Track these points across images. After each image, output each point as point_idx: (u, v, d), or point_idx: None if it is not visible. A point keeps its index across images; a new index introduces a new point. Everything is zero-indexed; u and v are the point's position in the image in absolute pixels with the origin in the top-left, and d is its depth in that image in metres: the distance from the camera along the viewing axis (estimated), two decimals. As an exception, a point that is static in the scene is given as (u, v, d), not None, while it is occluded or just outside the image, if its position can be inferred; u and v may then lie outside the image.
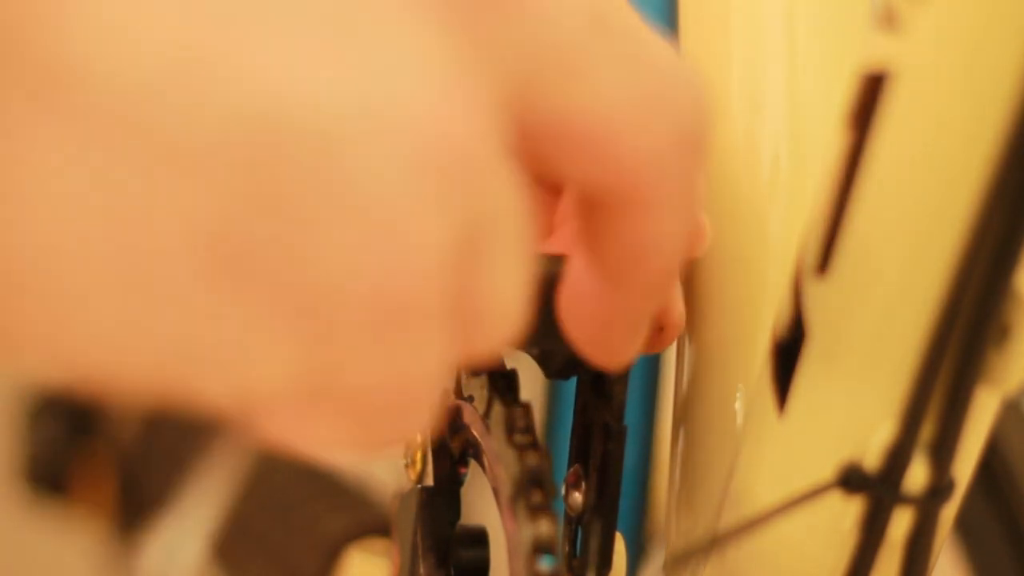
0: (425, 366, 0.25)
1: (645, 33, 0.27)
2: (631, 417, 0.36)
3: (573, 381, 0.36)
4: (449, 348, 0.25)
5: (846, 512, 0.32)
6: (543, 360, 0.35)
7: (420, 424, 0.26)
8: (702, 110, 0.28)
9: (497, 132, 0.24)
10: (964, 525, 0.54)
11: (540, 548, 0.32)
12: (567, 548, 0.36)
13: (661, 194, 0.28)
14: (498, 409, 0.35)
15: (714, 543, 0.36)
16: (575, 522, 0.36)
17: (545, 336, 0.33)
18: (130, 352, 0.23)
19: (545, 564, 0.31)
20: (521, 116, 0.25)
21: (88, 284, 0.22)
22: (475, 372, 0.36)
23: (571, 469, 0.36)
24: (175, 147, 0.22)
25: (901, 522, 0.32)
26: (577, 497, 0.35)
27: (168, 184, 0.22)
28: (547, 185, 0.42)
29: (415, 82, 0.23)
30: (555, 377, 0.35)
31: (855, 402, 0.31)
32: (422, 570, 0.38)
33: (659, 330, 0.36)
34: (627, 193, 0.28)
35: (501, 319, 0.26)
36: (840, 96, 0.31)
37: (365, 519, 0.60)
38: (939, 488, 0.31)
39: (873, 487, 0.31)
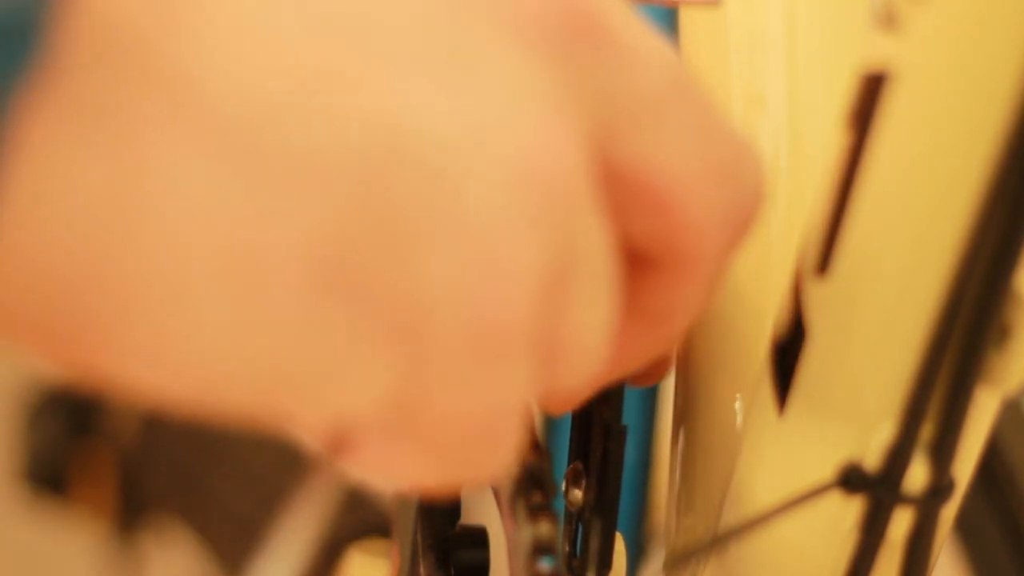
0: (510, 397, 0.25)
1: (716, 108, 0.28)
2: (631, 417, 0.36)
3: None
4: (533, 381, 0.25)
5: (846, 512, 0.32)
6: None
7: (501, 458, 0.26)
8: (759, 190, 0.29)
9: (588, 169, 0.25)
10: (964, 525, 0.54)
11: (540, 548, 0.32)
12: (567, 548, 0.36)
13: (704, 261, 0.28)
14: (498, 409, 0.35)
15: (714, 543, 0.36)
16: (575, 518, 0.36)
17: None
18: (233, 367, 0.23)
19: (545, 564, 0.32)
20: (600, 159, 0.26)
21: (203, 294, 0.22)
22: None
23: (571, 466, 0.36)
24: (296, 163, 0.22)
25: (901, 522, 0.32)
26: (577, 494, 0.35)
27: (286, 197, 0.22)
28: None
29: (520, 114, 0.24)
30: None
31: (855, 402, 0.31)
32: (422, 570, 0.38)
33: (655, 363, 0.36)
34: (675, 254, 0.28)
35: (583, 357, 0.26)
36: (840, 96, 0.31)
37: (365, 519, 0.60)
38: (939, 488, 0.31)
39: (873, 487, 0.31)
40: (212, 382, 0.23)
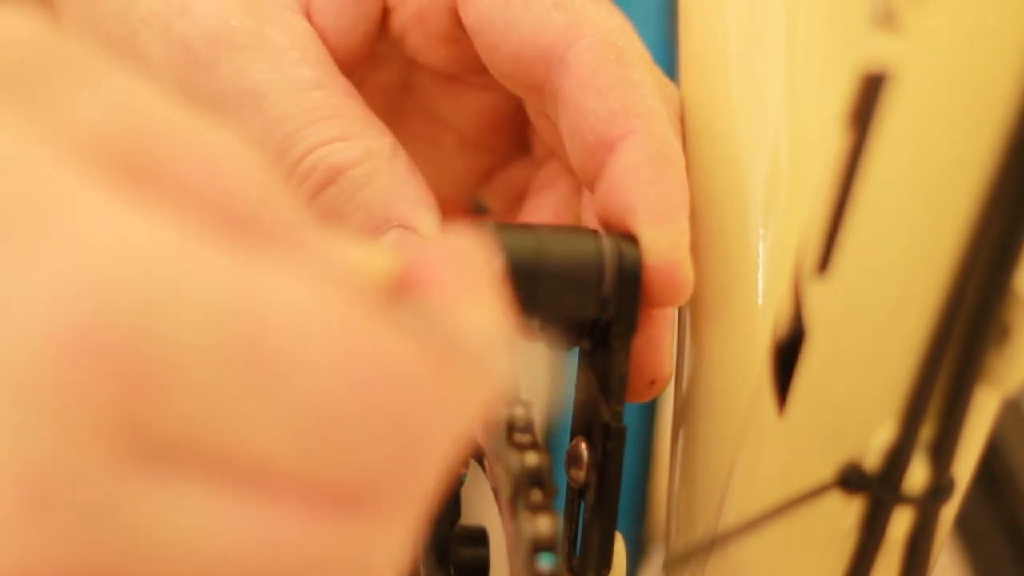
0: None
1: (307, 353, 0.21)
2: (631, 417, 0.36)
3: (572, 386, 0.36)
4: None
5: (846, 512, 0.32)
6: (544, 331, 0.35)
7: None
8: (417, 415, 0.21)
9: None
10: (964, 525, 0.54)
11: (540, 548, 0.32)
12: (567, 548, 0.36)
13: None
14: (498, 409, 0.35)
15: (714, 543, 0.36)
16: (576, 501, 0.36)
17: (547, 304, 0.34)
18: None
19: (545, 564, 0.32)
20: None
21: None
22: None
23: (572, 442, 0.36)
24: None
25: (901, 522, 0.32)
26: (579, 473, 0.35)
27: None
28: (530, 154, 0.43)
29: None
30: (557, 349, 0.36)
31: (855, 402, 0.31)
32: (422, 570, 0.38)
33: (649, 383, 0.36)
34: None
35: None
36: (840, 96, 0.31)
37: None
38: (939, 488, 0.31)
39: (873, 487, 0.31)
40: None
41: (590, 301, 0.34)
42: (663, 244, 0.35)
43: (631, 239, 0.35)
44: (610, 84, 0.36)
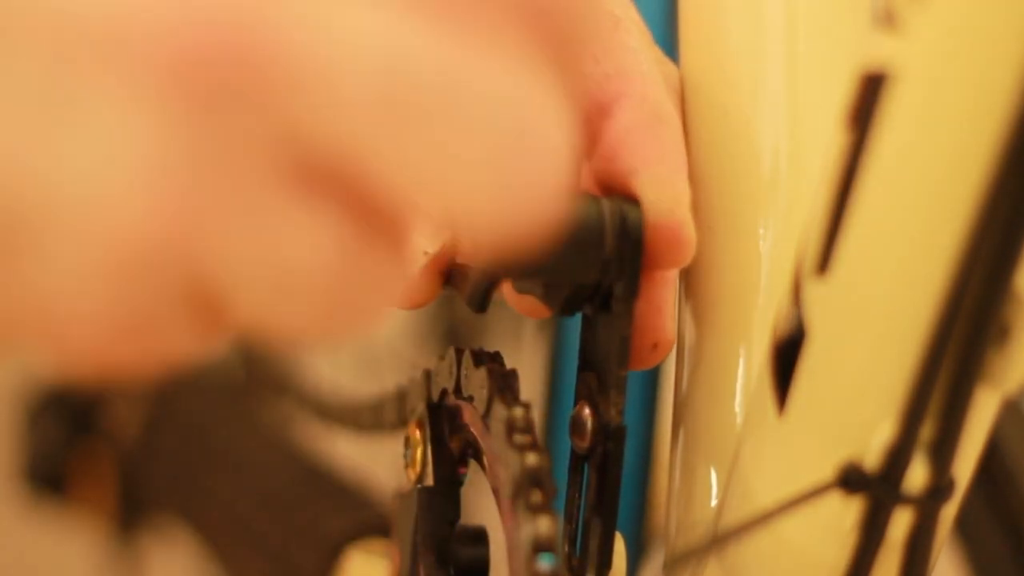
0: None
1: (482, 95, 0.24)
2: (631, 417, 0.36)
3: (572, 386, 0.36)
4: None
5: (846, 512, 0.32)
6: (547, 296, 0.35)
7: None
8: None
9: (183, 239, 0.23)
10: (964, 525, 0.54)
11: (540, 548, 0.32)
12: (567, 548, 0.36)
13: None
14: (498, 409, 0.35)
15: (714, 543, 0.36)
16: (578, 495, 0.36)
17: (548, 268, 0.33)
18: None
19: (545, 564, 0.31)
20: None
21: None
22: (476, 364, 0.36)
23: (576, 407, 0.36)
24: None
25: (901, 522, 0.32)
26: (581, 442, 0.35)
27: None
28: None
29: (106, 178, 0.22)
30: (560, 314, 0.36)
31: (855, 402, 0.31)
32: (422, 570, 0.38)
33: (652, 347, 0.36)
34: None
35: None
36: (840, 96, 0.31)
37: (365, 519, 0.60)
38: (939, 488, 0.31)
39: (873, 487, 0.31)
40: None
41: (592, 264, 0.34)
42: (666, 204, 0.35)
43: (632, 201, 0.35)
44: (606, 49, 0.36)
